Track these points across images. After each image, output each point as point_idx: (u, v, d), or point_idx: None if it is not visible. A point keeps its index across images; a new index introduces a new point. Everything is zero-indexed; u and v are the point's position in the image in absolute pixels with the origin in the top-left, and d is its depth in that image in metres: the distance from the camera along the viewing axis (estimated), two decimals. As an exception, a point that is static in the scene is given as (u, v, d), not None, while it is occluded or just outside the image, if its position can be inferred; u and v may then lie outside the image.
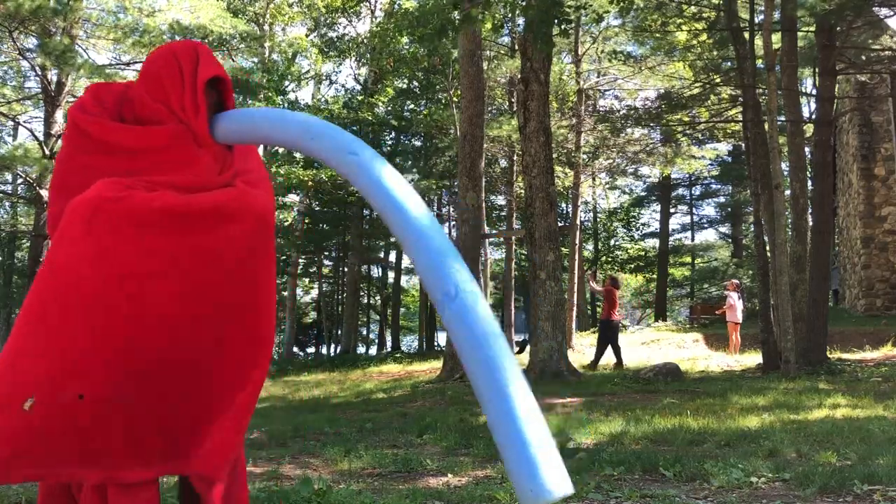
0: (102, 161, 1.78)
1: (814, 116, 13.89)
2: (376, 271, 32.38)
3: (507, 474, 1.16)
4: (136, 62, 16.23)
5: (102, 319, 1.64)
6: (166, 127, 1.83)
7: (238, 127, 1.79)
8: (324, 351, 31.00)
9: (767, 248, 11.97)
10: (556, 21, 10.07)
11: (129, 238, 1.66)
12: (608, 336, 13.49)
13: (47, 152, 14.68)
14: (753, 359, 13.05)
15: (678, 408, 7.18)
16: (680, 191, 34.27)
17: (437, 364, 15.16)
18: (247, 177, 1.88)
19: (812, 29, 12.87)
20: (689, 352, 16.64)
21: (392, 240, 29.27)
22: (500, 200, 27.10)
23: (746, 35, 12.52)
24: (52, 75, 15.68)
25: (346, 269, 28.28)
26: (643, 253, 34.99)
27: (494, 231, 24.41)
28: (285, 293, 28.08)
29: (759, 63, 13.51)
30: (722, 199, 34.21)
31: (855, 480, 3.72)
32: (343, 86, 32.04)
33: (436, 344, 27.53)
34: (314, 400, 11.18)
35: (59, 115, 15.37)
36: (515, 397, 1.25)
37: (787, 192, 12.63)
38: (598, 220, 34.32)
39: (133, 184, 1.71)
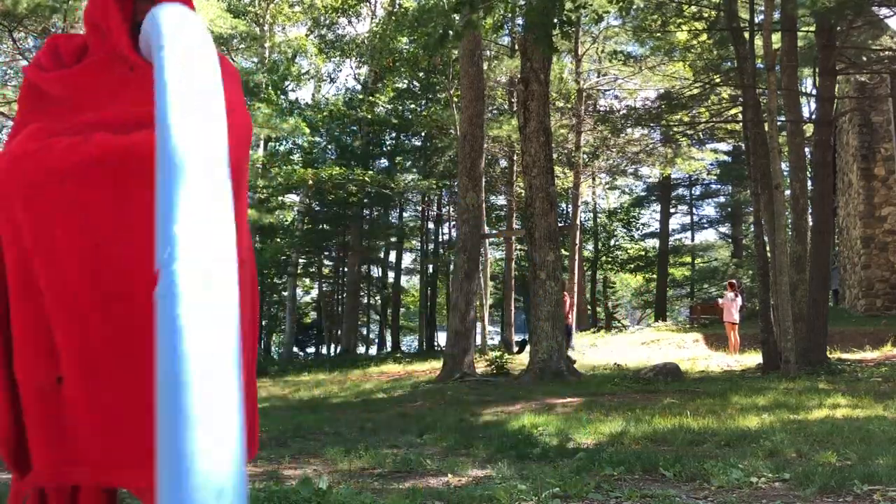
0: (47, 116, 1.41)
1: (814, 116, 13.89)
2: (376, 271, 32.40)
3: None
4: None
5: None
6: (92, 58, 1.46)
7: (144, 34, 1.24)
8: (324, 351, 31.01)
9: (767, 248, 11.98)
10: (556, 23, 10.08)
11: (53, 199, 1.29)
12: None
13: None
14: (753, 359, 13.05)
15: (678, 408, 7.18)
16: (680, 191, 34.29)
17: (437, 364, 15.16)
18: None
19: (812, 29, 12.87)
20: (689, 352, 16.64)
21: (393, 240, 29.33)
22: (501, 200, 27.11)
23: (746, 35, 12.53)
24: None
25: (346, 269, 28.30)
26: (643, 253, 35.02)
27: (494, 231, 24.42)
28: (285, 293, 28.09)
29: (759, 63, 13.52)
30: (722, 199, 34.24)
31: (855, 480, 3.72)
32: (344, 85, 32.07)
33: (436, 344, 27.53)
34: (314, 400, 11.18)
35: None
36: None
37: (787, 192, 12.63)
38: (598, 220, 34.36)
39: (59, 129, 1.34)
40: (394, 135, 27.98)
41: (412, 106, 26.60)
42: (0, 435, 1.38)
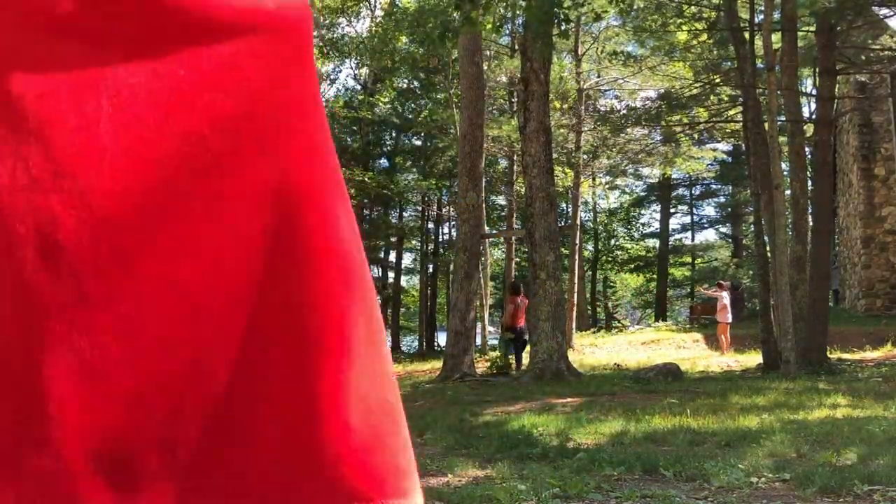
0: None
1: (814, 116, 13.89)
2: (376, 271, 32.38)
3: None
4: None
5: None
6: None
7: None
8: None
9: (768, 248, 11.98)
10: (555, 21, 10.08)
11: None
12: (520, 340, 13.54)
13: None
14: (753, 359, 13.05)
15: (678, 408, 7.18)
16: (680, 191, 34.29)
17: (437, 364, 15.16)
18: None
19: (812, 29, 12.87)
20: (689, 352, 16.64)
21: (392, 239, 29.31)
22: (501, 200, 27.09)
23: (746, 35, 12.53)
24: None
25: (346, 269, 28.27)
26: (643, 253, 35.02)
27: (494, 231, 24.40)
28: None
29: (760, 63, 13.52)
30: (722, 199, 34.24)
31: (855, 481, 3.72)
32: (343, 85, 32.09)
33: (436, 344, 27.52)
34: (314, 400, 11.16)
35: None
36: None
37: (787, 193, 12.63)
38: (599, 220, 34.36)
39: None
40: (394, 135, 27.99)
41: (412, 106, 26.60)
42: None
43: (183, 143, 0.65)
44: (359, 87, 28.01)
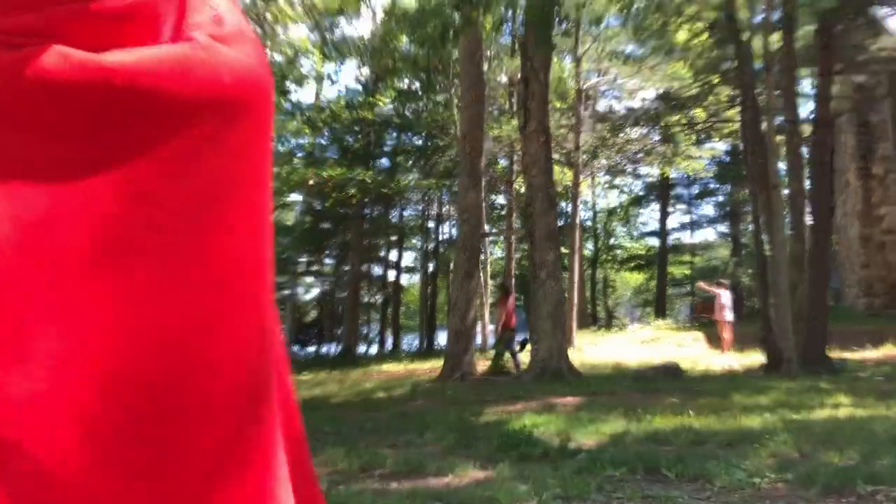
0: None
1: (812, 116, 13.88)
2: (377, 270, 32.41)
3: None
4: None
5: None
6: None
7: None
8: (324, 350, 31.00)
9: (766, 247, 11.97)
10: (556, 21, 10.09)
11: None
12: (510, 340, 13.53)
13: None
14: (755, 358, 13.05)
15: (680, 407, 7.17)
16: (679, 190, 34.32)
17: (437, 363, 15.15)
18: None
19: (811, 28, 12.87)
20: (689, 350, 16.64)
21: (393, 238, 29.31)
22: (501, 200, 27.09)
23: (746, 35, 12.52)
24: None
25: (347, 268, 28.30)
26: (643, 252, 35.05)
27: (495, 230, 24.38)
28: (286, 292, 28.06)
29: (759, 63, 13.51)
30: (720, 199, 34.26)
31: (858, 480, 3.72)
32: (345, 85, 32.03)
33: (436, 343, 27.51)
34: (314, 399, 11.16)
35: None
36: None
37: (785, 192, 12.62)
38: (598, 219, 34.36)
39: None
40: (395, 134, 27.99)
41: (413, 106, 26.59)
42: None
43: (141, 233, 0.65)
44: (360, 87, 28.01)
